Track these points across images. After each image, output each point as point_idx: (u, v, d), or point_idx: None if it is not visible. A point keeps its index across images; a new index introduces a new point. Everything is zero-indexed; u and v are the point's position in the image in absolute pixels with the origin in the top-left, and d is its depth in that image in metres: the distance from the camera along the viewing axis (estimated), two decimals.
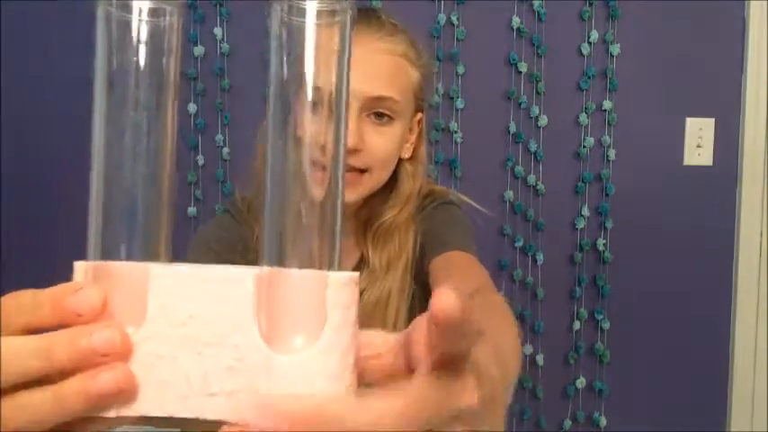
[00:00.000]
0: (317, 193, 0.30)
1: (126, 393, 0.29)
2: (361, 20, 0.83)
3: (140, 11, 0.30)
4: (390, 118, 0.85)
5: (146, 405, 0.29)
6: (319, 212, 0.30)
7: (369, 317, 0.90)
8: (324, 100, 0.32)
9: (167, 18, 0.31)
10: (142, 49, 0.30)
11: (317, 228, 0.30)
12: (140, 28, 0.30)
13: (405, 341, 0.32)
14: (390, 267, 0.91)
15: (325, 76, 0.31)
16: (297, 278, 0.29)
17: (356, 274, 0.30)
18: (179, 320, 0.29)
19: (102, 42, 0.31)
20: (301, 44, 0.30)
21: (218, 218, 0.97)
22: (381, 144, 0.84)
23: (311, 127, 0.31)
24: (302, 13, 0.30)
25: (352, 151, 0.82)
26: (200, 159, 1.62)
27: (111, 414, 0.29)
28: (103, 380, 0.28)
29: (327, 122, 0.32)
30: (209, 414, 0.29)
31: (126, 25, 0.30)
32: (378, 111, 0.84)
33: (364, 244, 0.92)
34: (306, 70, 0.31)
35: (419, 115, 0.92)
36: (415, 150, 0.92)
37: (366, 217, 0.92)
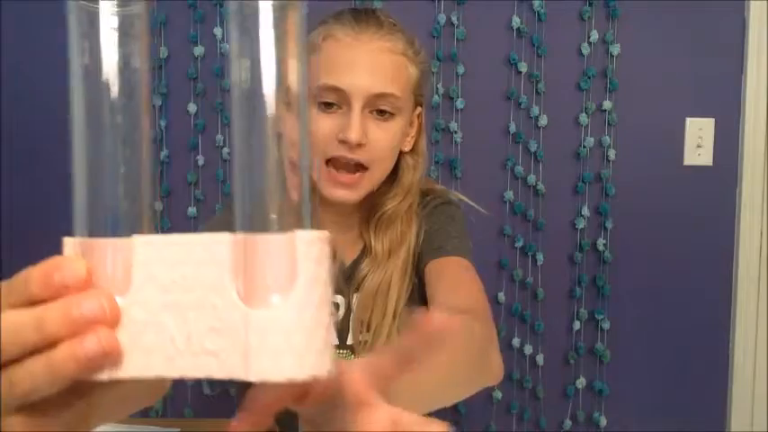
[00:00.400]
0: (284, 158, 0.32)
1: (112, 356, 0.30)
2: (360, 20, 0.88)
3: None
4: (392, 114, 0.88)
5: (135, 368, 0.31)
6: (286, 176, 0.32)
7: (371, 302, 0.92)
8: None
9: (135, 5, 0.33)
10: (113, 34, 0.32)
11: (286, 191, 0.32)
12: (109, 14, 0.32)
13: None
14: (392, 254, 0.93)
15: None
16: (268, 241, 0.31)
17: (324, 232, 0.32)
18: (163, 286, 0.31)
19: (75, 27, 0.34)
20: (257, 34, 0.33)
21: (219, 216, 0.98)
22: (383, 139, 0.88)
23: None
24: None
25: (357, 146, 0.85)
26: (200, 159, 1.62)
27: (104, 377, 0.30)
28: (89, 343, 0.29)
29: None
30: (195, 372, 0.32)
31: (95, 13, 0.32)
32: (380, 108, 0.87)
33: (367, 233, 0.95)
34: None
35: (418, 109, 0.95)
36: (415, 143, 0.95)
37: (369, 208, 0.95)
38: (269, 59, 0.33)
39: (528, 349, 1.66)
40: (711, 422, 1.70)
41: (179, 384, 1.66)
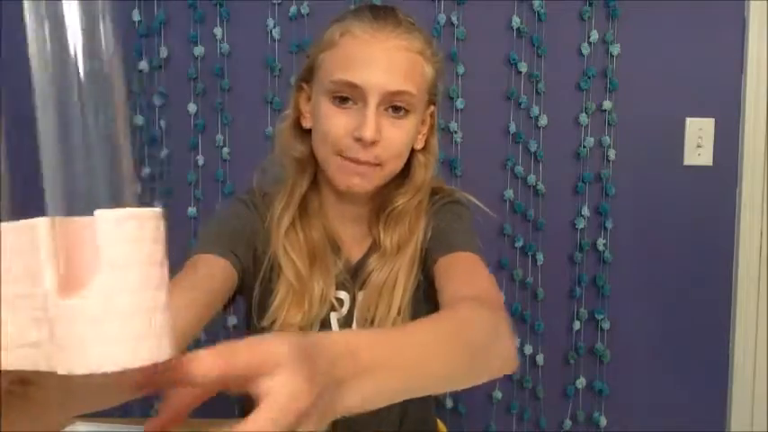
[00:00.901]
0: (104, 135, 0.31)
1: None
2: (379, 17, 0.88)
3: None
4: (406, 111, 0.88)
5: None
6: (94, 157, 0.30)
7: (376, 296, 0.93)
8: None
9: None
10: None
11: (93, 173, 0.30)
12: None
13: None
14: (400, 249, 0.94)
15: None
16: (78, 224, 0.29)
17: (132, 210, 0.30)
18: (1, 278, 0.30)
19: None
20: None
21: (233, 207, 1.00)
22: (397, 137, 0.88)
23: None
24: None
25: (371, 143, 0.86)
26: (200, 159, 1.62)
27: None
28: None
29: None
30: (22, 365, 0.30)
31: None
32: (395, 104, 0.87)
33: (376, 229, 0.96)
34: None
35: (431, 108, 0.96)
36: (427, 142, 0.96)
37: (379, 204, 0.96)
38: (74, 27, 0.30)
39: (528, 349, 1.66)
40: (711, 422, 1.70)
41: None
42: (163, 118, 1.61)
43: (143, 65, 1.60)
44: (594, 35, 1.61)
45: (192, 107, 1.61)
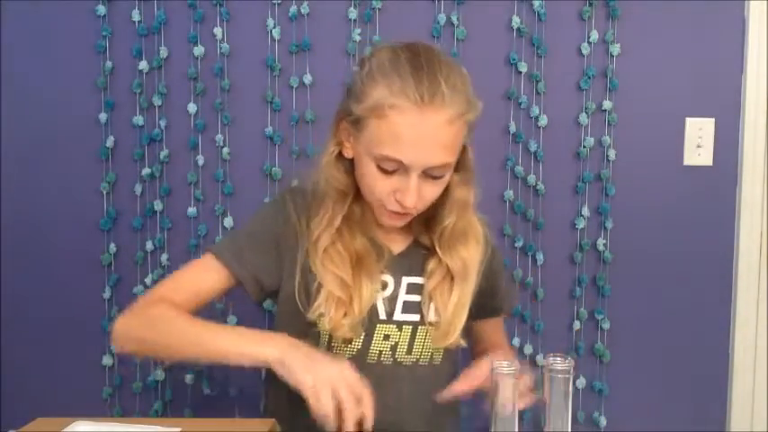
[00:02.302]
0: None
1: None
2: (423, 91, 0.91)
3: None
4: (444, 175, 0.99)
5: None
6: None
7: (458, 308, 1.06)
8: None
9: None
10: None
11: None
12: None
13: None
14: (467, 276, 1.07)
15: None
16: None
17: None
18: None
19: None
20: None
21: (265, 210, 1.15)
22: (433, 193, 1.00)
23: None
24: None
25: (412, 208, 0.98)
26: (200, 159, 1.62)
27: None
28: None
29: None
30: None
31: None
32: (434, 175, 0.97)
33: (425, 236, 1.09)
34: None
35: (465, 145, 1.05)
36: (460, 161, 1.03)
37: (422, 215, 1.05)
38: None
39: (528, 349, 1.66)
40: (711, 422, 1.70)
41: (179, 385, 1.66)
42: (163, 118, 1.61)
43: (143, 65, 1.59)
44: (594, 35, 1.61)
45: (191, 107, 1.61)
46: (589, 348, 1.68)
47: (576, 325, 1.67)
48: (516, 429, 0.79)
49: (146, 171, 1.62)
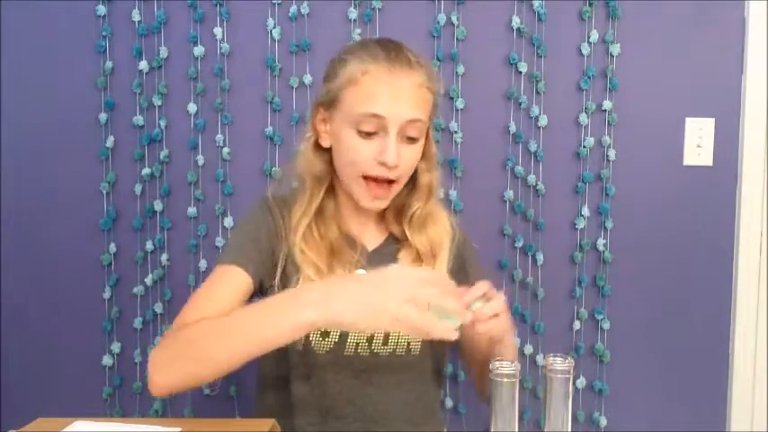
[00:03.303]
0: None
1: None
2: (392, 58, 1.03)
3: None
4: (417, 138, 1.06)
5: None
6: None
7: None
8: None
9: None
10: None
11: None
12: None
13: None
14: (436, 256, 1.13)
15: None
16: None
17: None
18: None
19: None
20: None
21: (251, 214, 1.15)
22: (411, 159, 1.07)
23: None
24: None
25: (393, 167, 1.03)
26: (200, 159, 1.62)
27: None
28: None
29: None
30: None
31: None
32: (409, 135, 1.04)
33: (397, 226, 1.14)
34: None
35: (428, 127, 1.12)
36: (424, 151, 1.12)
37: (394, 206, 1.13)
38: None
39: (528, 349, 1.66)
40: (711, 422, 1.70)
41: None
42: (163, 118, 1.61)
43: (143, 65, 1.60)
44: (594, 35, 1.61)
45: (191, 107, 1.61)
46: (589, 348, 1.68)
47: (576, 325, 1.67)
48: (516, 429, 0.79)
49: (146, 171, 1.62)
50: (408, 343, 1.11)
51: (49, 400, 1.66)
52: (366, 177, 1.05)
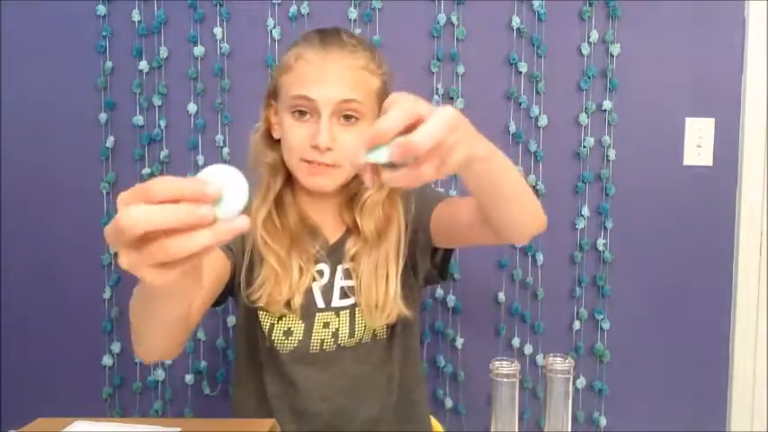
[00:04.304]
0: None
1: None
2: (326, 42, 1.04)
3: None
4: (356, 118, 1.03)
5: None
6: None
7: (374, 282, 1.07)
8: None
9: None
10: None
11: None
12: None
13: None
14: (381, 236, 1.08)
15: None
16: None
17: None
18: None
19: None
20: None
21: None
22: (349, 140, 1.02)
23: None
24: None
25: (326, 149, 1.01)
26: (200, 159, 1.62)
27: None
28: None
29: None
30: None
31: None
32: (345, 114, 1.02)
33: (350, 215, 1.11)
34: None
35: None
36: None
37: (347, 196, 1.11)
38: None
39: (528, 349, 1.66)
40: (711, 422, 1.70)
41: (179, 385, 1.66)
42: (163, 118, 1.61)
43: (143, 65, 1.60)
44: (594, 35, 1.61)
45: (192, 107, 1.61)
46: (589, 348, 1.68)
47: (576, 325, 1.67)
48: (516, 429, 0.79)
49: (146, 171, 1.62)
50: (374, 331, 1.11)
51: (48, 400, 1.66)
52: (304, 161, 1.04)
